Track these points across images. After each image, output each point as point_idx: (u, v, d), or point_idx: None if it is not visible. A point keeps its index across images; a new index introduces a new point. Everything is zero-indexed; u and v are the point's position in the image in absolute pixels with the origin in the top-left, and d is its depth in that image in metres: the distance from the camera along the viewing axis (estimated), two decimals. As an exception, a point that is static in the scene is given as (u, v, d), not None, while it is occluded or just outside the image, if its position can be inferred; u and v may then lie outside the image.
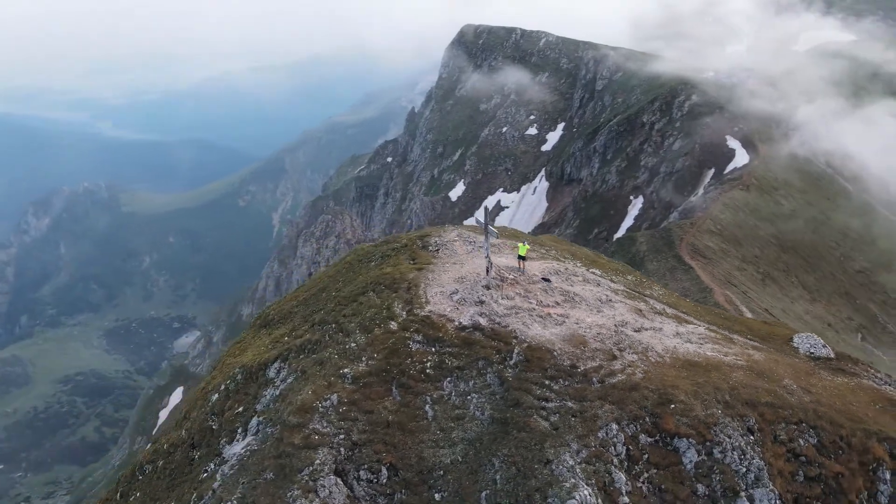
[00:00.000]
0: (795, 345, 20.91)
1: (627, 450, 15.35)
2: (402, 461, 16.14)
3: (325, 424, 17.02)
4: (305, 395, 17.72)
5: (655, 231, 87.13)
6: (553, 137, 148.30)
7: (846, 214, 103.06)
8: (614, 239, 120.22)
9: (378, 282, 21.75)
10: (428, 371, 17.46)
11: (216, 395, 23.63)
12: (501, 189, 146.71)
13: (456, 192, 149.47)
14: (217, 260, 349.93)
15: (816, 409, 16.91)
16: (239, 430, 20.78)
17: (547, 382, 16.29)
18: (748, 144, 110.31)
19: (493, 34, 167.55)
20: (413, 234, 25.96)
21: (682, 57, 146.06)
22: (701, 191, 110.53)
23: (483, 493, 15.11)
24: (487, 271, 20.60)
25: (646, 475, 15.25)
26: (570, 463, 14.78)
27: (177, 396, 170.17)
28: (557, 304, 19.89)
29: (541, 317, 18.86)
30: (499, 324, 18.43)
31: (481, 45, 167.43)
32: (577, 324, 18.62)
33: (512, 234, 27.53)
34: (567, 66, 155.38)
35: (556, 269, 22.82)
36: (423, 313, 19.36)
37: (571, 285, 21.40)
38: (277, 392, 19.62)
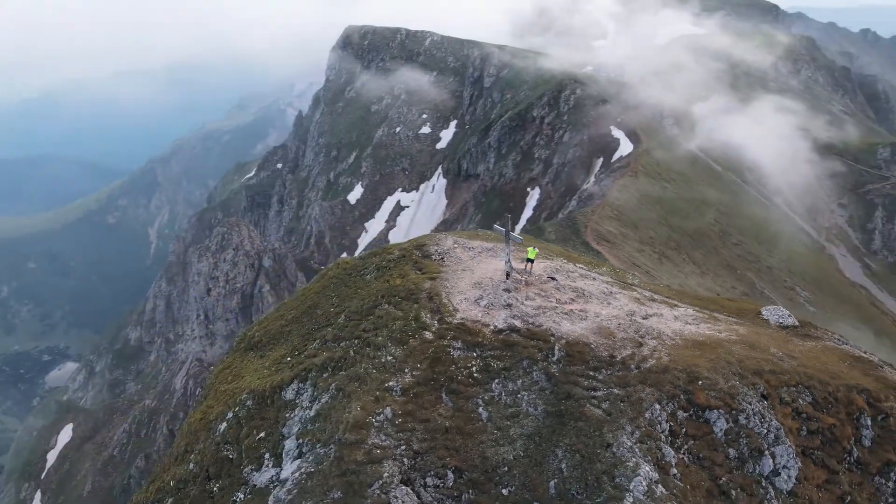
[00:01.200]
0: (765, 317, 23.80)
1: (670, 426, 17.14)
2: (466, 463, 16.98)
3: (383, 438, 17.48)
4: (356, 412, 18.02)
5: (561, 220, 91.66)
6: (447, 135, 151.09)
7: (721, 194, 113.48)
8: (518, 230, 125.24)
9: (391, 294, 22.22)
10: (475, 375, 18.35)
11: (224, 425, 23.10)
12: (400, 189, 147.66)
13: (355, 195, 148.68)
14: (88, 283, 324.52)
15: (805, 371, 19.60)
16: (266, 456, 20.61)
17: (591, 373, 17.74)
18: (631, 134, 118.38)
19: (378, 35, 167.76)
20: (405, 245, 26.46)
21: (561, 53, 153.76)
22: (592, 179, 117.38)
23: (551, 483, 16.30)
24: (508, 276, 21.73)
25: (685, 447, 17.12)
26: (629, 444, 16.33)
27: (66, 435, 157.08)
28: (572, 300, 21.40)
29: (565, 314, 20.27)
30: (532, 324, 19.64)
31: (367, 47, 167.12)
32: (597, 317, 20.22)
33: (496, 238, 28.78)
34: (454, 65, 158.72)
35: (553, 267, 24.33)
36: (455, 321, 20.15)
37: (574, 281, 23.00)
38: (311, 413, 19.67)
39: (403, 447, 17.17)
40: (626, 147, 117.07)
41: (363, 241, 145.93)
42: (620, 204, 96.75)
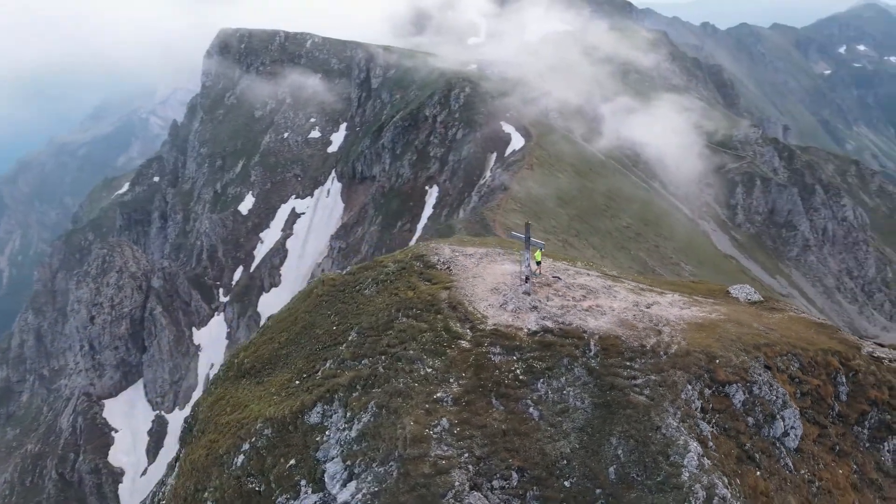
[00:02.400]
0: (735, 295, 26.49)
1: (700, 404, 18.95)
2: (528, 461, 17.83)
3: (445, 448, 17.90)
4: (411, 427, 18.24)
5: (470, 216, 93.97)
6: (338, 138, 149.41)
7: (608, 181, 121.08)
8: (420, 229, 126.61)
9: (407, 307, 22.42)
10: (520, 377, 19.16)
11: (241, 458, 22.32)
12: (294, 196, 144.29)
13: (246, 205, 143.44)
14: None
15: (787, 340, 22.21)
16: (303, 483, 20.28)
17: (628, 363, 19.13)
18: (521, 129, 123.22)
19: (256, 38, 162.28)
20: (400, 257, 26.55)
21: (444, 52, 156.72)
22: (488, 174, 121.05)
23: (611, 469, 17.53)
24: (527, 279, 22.65)
25: (714, 420, 19.00)
26: (675, 424, 17.90)
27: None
28: (584, 297, 22.70)
29: (585, 310, 21.53)
30: (562, 323, 20.71)
31: (245, 50, 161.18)
32: (612, 311, 21.66)
33: (495, 243, 29.58)
34: (338, 67, 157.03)
35: (551, 266, 25.56)
36: (488, 327, 20.80)
37: (575, 279, 24.35)
38: (352, 433, 19.59)
39: (466, 454, 17.73)
40: (517, 142, 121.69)
41: (259, 252, 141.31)
42: (522, 196, 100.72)
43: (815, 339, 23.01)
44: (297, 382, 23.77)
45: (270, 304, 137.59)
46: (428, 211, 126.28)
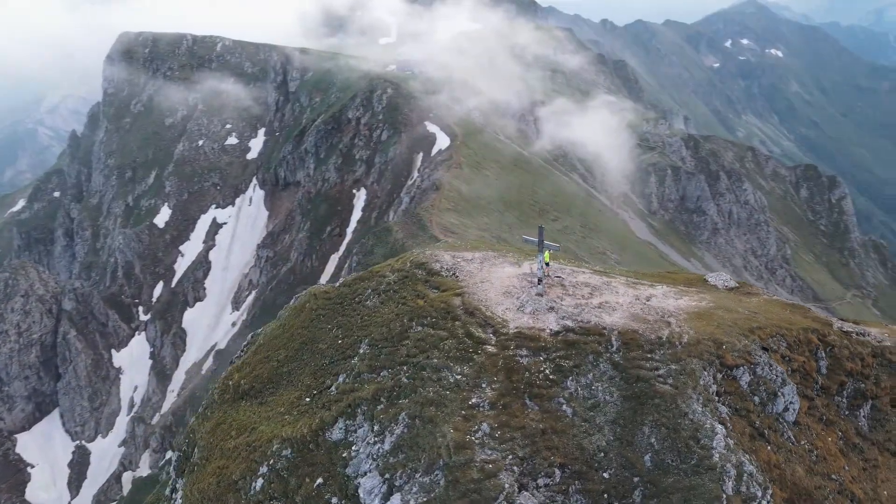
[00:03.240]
0: (713, 283, 28.17)
1: (715, 388, 20.21)
2: (568, 457, 18.44)
3: (489, 452, 18.19)
4: (453, 434, 18.37)
5: (405, 217, 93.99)
6: (257, 144, 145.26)
7: (533, 177, 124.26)
8: (350, 232, 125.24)
9: (420, 315, 22.43)
10: (550, 377, 19.68)
11: (260, 481, 21.73)
12: (214, 205, 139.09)
13: (162, 218, 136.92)
14: None
15: (772, 322, 23.96)
16: (335, 501, 20.01)
17: (649, 356, 20.05)
18: (446, 128, 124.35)
19: (161, 42, 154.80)
20: (397, 266, 26.35)
21: (361, 53, 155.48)
22: (416, 174, 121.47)
23: (646, 457, 18.42)
24: (540, 281, 23.15)
25: (727, 402, 20.33)
26: (700, 409, 19.01)
27: None
28: (591, 294, 23.51)
29: (597, 307, 22.28)
30: (581, 321, 21.37)
31: (150, 55, 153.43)
32: (620, 306, 22.55)
33: (472, 246, 29.83)
34: (252, 70, 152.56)
35: (549, 266, 26.32)
36: (511, 331, 21.15)
37: (575, 277, 25.14)
38: (386, 446, 19.50)
39: (510, 456, 18.14)
40: (443, 141, 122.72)
41: (180, 266, 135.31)
42: (454, 195, 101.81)
43: (794, 318, 24.98)
44: (308, 400, 23.38)
45: (196, 319, 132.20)
46: (357, 214, 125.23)
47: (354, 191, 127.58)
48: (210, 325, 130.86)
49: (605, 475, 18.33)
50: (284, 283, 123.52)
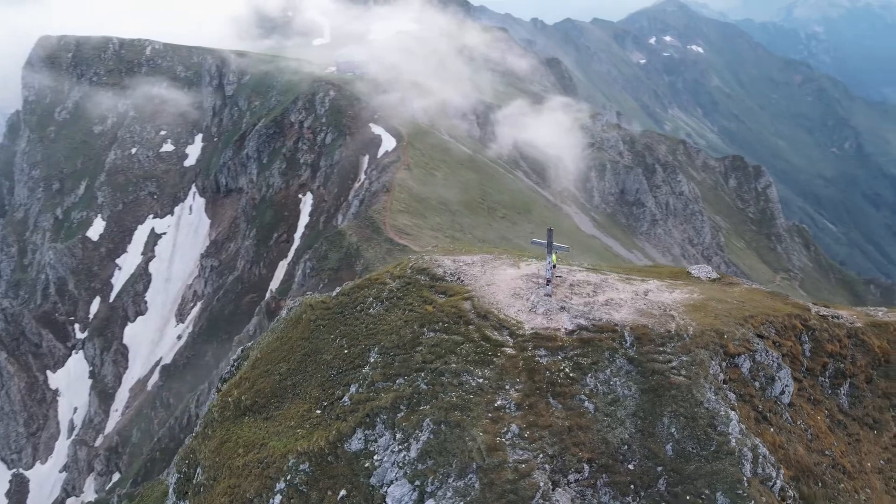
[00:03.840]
0: (697, 275, 29.34)
1: (723, 376, 21.18)
2: (594, 452, 18.95)
3: (520, 452, 18.47)
4: (483, 437, 18.53)
5: (358, 221, 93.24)
6: (194, 150, 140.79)
7: (479, 175, 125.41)
8: (298, 238, 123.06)
9: (431, 321, 22.43)
10: (570, 375, 20.10)
11: (278, 497, 21.32)
12: (152, 215, 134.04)
13: (96, 231, 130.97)
14: None
15: (759, 310, 25.24)
16: (362, 513, 20.03)
17: (661, 349, 20.77)
18: (391, 130, 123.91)
19: (86, 46, 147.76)
20: (397, 272, 26.14)
21: (300, 55, 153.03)
22: (363, 176, 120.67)
23: (668, 447, 19.14)
24: (548, 282, 23.51)
25: (732, 389, 21.35)
26: (713, 397, 19.87)
27: None
28: (594, 292, 24.09)
29: (604, 305, 22.88)
30: (593, 319, 21.86)
31: (73, 60, 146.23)
32: (625, 302, 23.23)
33: (462, 251, 29.93)
34: (185, 74, 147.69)
35: (546, 266, 26.68)
36: (527, 332, 21.41)
37: (575, 276, 25.71)
38: (412, 454, 19.46)
39: (541, 455, 18.50)
40: (389, 143, 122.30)
41: (118, 279, 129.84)
42: (405, 197, 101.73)
43: (776, 305, 26.41)
44: (319, 412, 23.10)
45: (138, 334, 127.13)
46: (304, 219, 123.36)
47: (301, 195, 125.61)
48: (153, 339, 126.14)
49: (630, 466, 18.95)
50: (232, 292, 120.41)
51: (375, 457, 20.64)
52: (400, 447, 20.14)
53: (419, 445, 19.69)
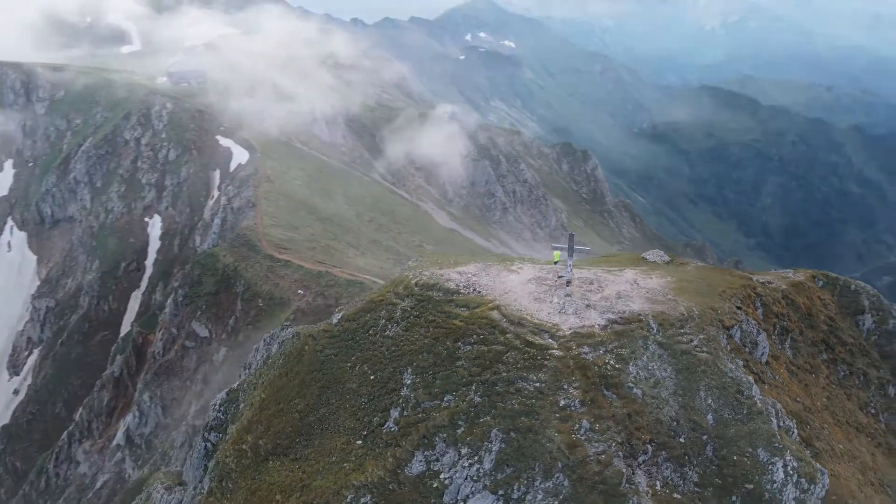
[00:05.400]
0: (653, 260, 31.99)
1: (728, 347, 23.83)
2: (652, 433, 20.54)
3: (597, 445, 19.45)
4: (560, 438, 19.19)
5: (233, 240, 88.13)
6: (5, 178, 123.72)
7: (339, 182, 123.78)
8: (151, 265, 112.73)
9: (463, 335, 22.39)
10: (616, 367, 21.44)
11: (342, 540, 20.58)
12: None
13: None
14: None
15: (725, 286, 28.53)
16: (445, 533, 20.00)
17: (681, 331, 22.73)
18: (242, 142, 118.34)
19: None
20: (401, 291, 25.29)
21: (125, 66, 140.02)
22: (216, 192, 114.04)
23: (708, 416, 21.30)
24: (569, 283, 24.38)
25: (735, 356, 24.16)
26: (733, 367, 22.28)
27: None
28: (601, 288, 25.43)
29: (618, 297, 24.35)
30: (619, 312, 23.22)
31: None
32: (629, 293, 24.97)
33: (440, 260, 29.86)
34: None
35: (544, 266, 27.52)
36: (566, 333, 22.18)
37: (574, 275, 26.96)
38: (487, 465, 19.55)
39: (613, 444, 19.78)
40: (240, 155, 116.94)
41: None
42: (273, 210, 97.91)
43: (731, 279, 30.03)
44: (360, 443, 22.50)
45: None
46: (155, 244, 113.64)
47: (147, 219, 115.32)
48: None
49: (682, 440, 20.88)
50: (78, 332, 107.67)
51: (442, 475, 20.64)
52: (470, 461, 20.33)
53: (492, 456, 20.05)
